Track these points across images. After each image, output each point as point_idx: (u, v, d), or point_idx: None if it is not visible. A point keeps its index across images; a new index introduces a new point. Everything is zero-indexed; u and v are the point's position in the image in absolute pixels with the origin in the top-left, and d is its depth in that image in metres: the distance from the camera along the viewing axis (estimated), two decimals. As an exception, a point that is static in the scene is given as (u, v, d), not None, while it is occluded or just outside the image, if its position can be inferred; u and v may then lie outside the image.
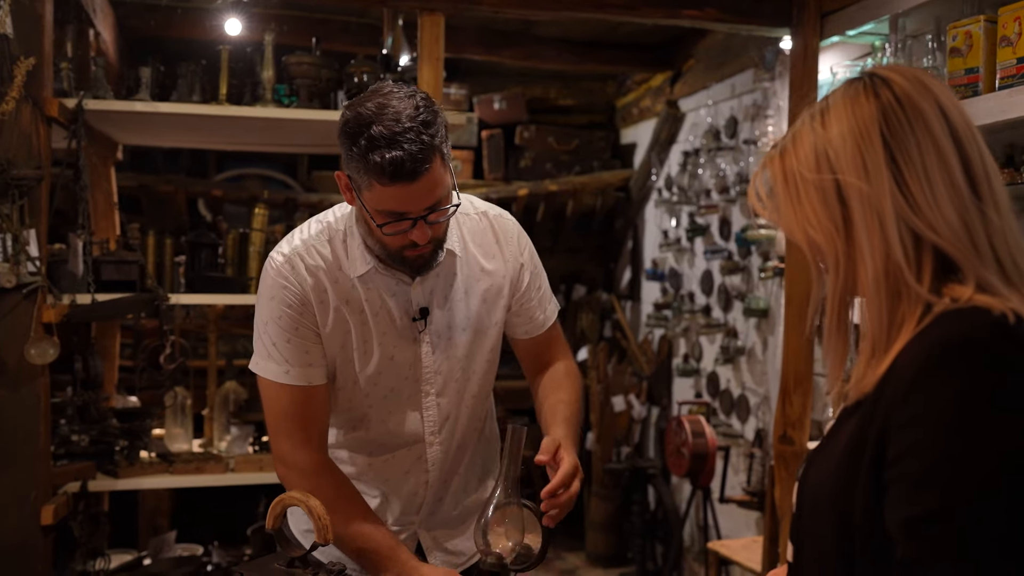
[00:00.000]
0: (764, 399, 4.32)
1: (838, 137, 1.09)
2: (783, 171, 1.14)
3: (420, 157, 1.52)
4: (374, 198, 1.57)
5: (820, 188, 1.10)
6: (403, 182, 1.53)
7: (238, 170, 5.41)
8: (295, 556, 1.67)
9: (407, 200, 1.57)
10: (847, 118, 1.09)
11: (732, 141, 4.55)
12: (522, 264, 1.87)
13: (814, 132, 1.12)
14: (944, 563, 0.94)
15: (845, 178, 1.08)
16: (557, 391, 1.92)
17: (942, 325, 1.01)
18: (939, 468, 0.96)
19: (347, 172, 1.62)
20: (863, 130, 1.07)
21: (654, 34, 4.96)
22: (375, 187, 1.55)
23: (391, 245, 1.66)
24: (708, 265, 4.83)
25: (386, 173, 1.51)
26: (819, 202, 1.11)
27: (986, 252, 1.04)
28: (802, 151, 1.12)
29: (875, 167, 1.06)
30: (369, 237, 1.69)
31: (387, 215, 1.59)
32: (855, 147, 1.08)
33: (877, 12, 2.86)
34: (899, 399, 1.00)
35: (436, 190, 1.59)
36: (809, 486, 1.14)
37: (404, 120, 1.52)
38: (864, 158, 1.07)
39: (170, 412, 3.24)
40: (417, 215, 1.59)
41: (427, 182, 1.56)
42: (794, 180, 1.12)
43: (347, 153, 1.58)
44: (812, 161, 1.11)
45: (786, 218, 1.15)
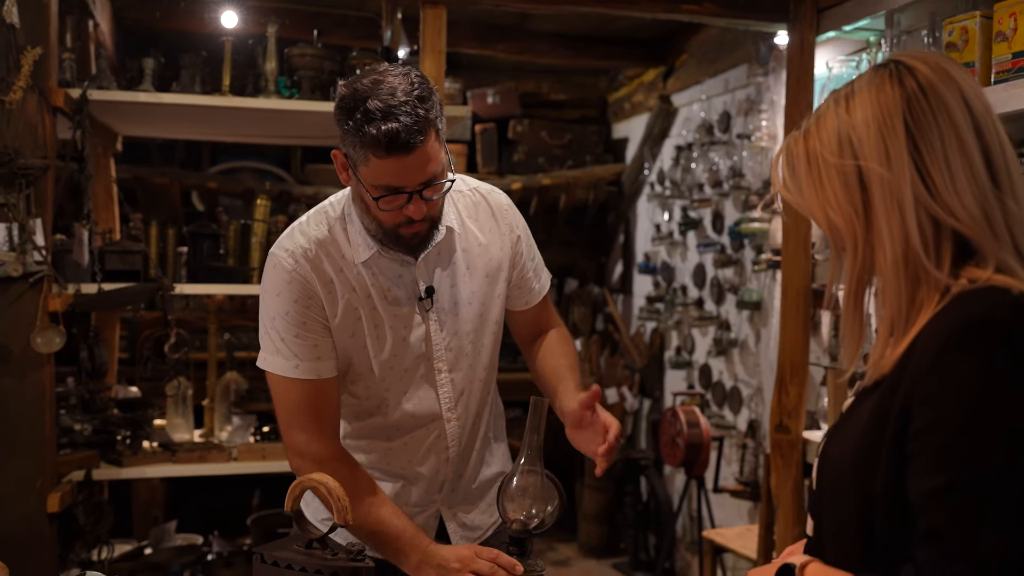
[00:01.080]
0: (757, 391, 4.37)
1: (862, 123, 1.12)
2: (806, 153, 1.17)
3: (415, 129, 1.54)
4: (370, 173, 1.58)
5: (842, 172, 1.14)
6: (398, 154, 1.54)
7: (232, 163, 5.41)
8: (313, 538, 1.69)
9: (402, 173, 1.58)
10: (871, 105, 1.12)
11: (725, 136, 4.59)
12: (518, 236, 1.90)
13: (838, 117, 1.15)
14: (967, 531, 0.98)
15: (867, 164, 1.11)
16: (557, 356, 1.95)
17: (963, 304, 1.05)
18: (961, 440, 1.00)
19: (343, 150, 1.64)
20: (887, 118, 1.11)
21: (648, 29, 5.00)
22: (371, 161, 1.56)
23: (386, 222, 1.66)
24: (701, 258, 4.88)
25: (382, 145, 1.53)
26: (840, 186, 1.14)
27: (1004, 237, 1.08)
28: (826, 134, 1.16)
29: (897, 154, 1.10)
30: (365, 216, 1.69)
31: (383, 189, 1.60)
32: (878, 134, 1.11)
33: (873, 8, 2.91)
34: (921, 375, 1.04)
35: (431, 164, 1.61)
36: (830, 461, 1.18)
37: (399, 95, 1.54)
38: (887, 145, 1.10)
39: (171, 402, 3.25)
40: (412, 189, 1.60)
41: (422, 155, 1.58)
42: (816, 162, 1.16)
43: (343, 129, 1.60)
44: (835, 145, 1.14)
45: (807, 199, 1.18)
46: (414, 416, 1.83)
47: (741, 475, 4.30)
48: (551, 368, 1.93)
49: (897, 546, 1.08)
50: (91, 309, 2.81)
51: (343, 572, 1.62)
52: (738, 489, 4.22)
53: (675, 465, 4.15)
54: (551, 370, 1.93)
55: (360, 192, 1.65)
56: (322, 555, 1.67)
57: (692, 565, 4.69)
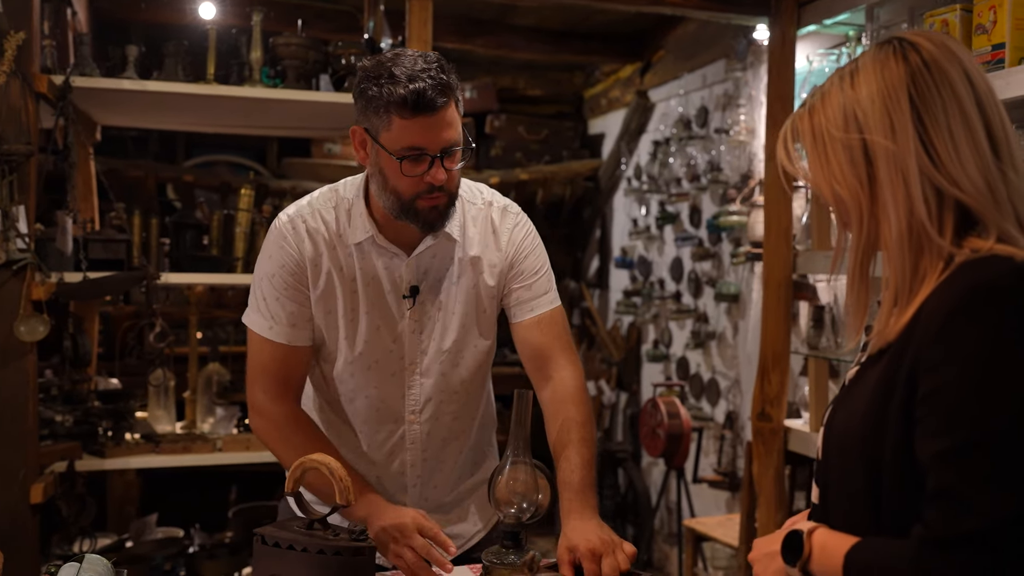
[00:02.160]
0: (735, 382, 4.42)
1: (867, 98, 1.15)
2: (811, 128, 1.20)
3: (440, 89, 1.60)
4: (393, 136, 1.61)
5: (847, 146, 1.16)
6: (423, 113, 1.59)
7: (207, 156, 5.37)
8: (314, 519, 1.69)
9: (426, 133, 1.61)
10: (876, 80, 1.15)
11: (703, 130, 4.64)
12: (514, 255, 1.87)
13: (843, 92, 1.18)
14: (975, 489, 1.01)
15: (872, 137, 1.14)
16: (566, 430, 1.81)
17: (968, 272, 1.08)
18: (970, 402, 1.03)
19: (362, 124, 1.67)
20: (891, 92, 1.14)
21: (625, 25, 5.04)
22: (395, 123, 1.60)
23: (406, 192, 1.66)
24: (678, 252, 4.92)
25: (408, 104, 1.57)
26: (846, 159, 1.17)
27: (1007, 207, 1.12)
28: (831, 110, 1.18)
29: (902, 127, 1.13)
30: (383, 192, 1.69)
31: (406, 151, 1.62)
32: (883, 108, 1.14)
33: (854, 2, 2.95)
34: (928, 342, 1.07)
35: (451, 130, 1.64)
36: (836, 429, 1.21)
37: (422, 63, 1.61)
38: (892, 118, 1.13)
39: (153, 393, 3.22)
40: (434, 153, 1.63)
41: (444, 117, 1.62)
42: (822, 138, 1.19)
43: (366, 97, 1.63)
44: (840, 120, 1.17)
45: (813, 173, 1.21)
46: (378, 411, 1.84)
47: (719, 466, 4.35)
48: (557, 441, 1.81)
49: (904, 509, 1.11)
50: (76, 298, 2.79)
51: (346, 552, 1.63)
52: (716, 479, 4.27)
53: (656, 456, 4.19)
54: (556, 443, 1.81)
55: (380, 163, 1.66)
56: (323, 535, 1.67)
57: (670, 557, 4.73)
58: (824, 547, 1.16)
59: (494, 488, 1.71)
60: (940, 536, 1.03)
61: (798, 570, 1.18)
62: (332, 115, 3.26)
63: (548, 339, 1.87)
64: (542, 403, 1.87)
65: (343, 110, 3.18)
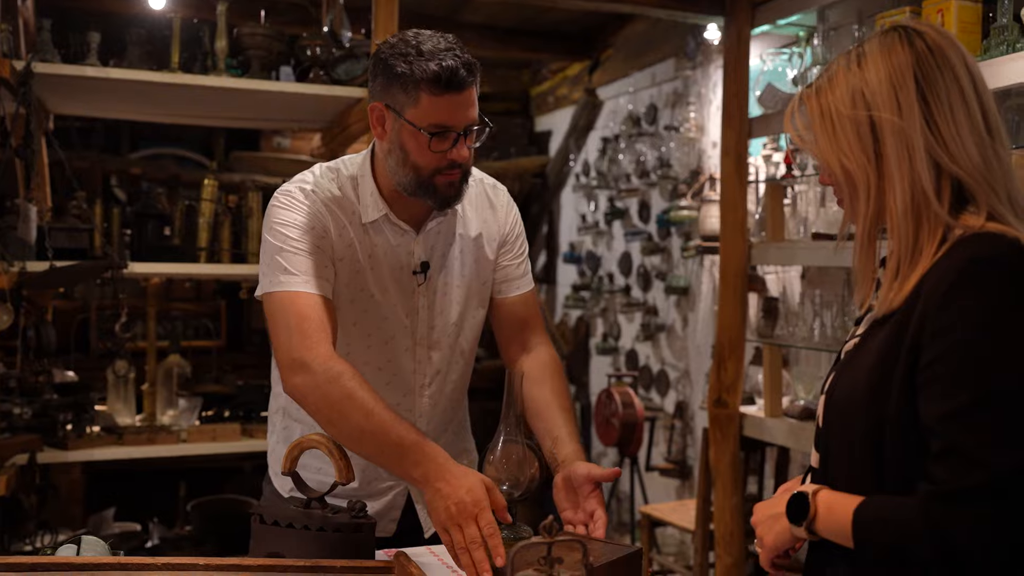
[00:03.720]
0: (684, 373, 4.53)
1: (875, 79, 1.23)
2: (819, 107, 1.28)
3: (467, 68, 1.64)
4: (420, 113, 1.63)
5: (855, 122, 1.24)
6: (453, 92, 1.62)
7: (153, 149, 5.29)
8: (312, 497, 1.71)
9: (453, 111, 1.64)
10: (884, 63, 1.23)
11: (652, 127, 4.74)
12: (510, 231, 1.95)
13: (850, 74, 1.26)
14: (981, 445, 1.09)
15: (880, 114, 1.22)
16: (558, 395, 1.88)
17: (966, 246, 1.17)
18: (974, 364, 1.11)
19: (384, 100, 1.68)
20: (898, 73, 1.22)
21: (574, 23, 5.12)
22: (423, 100, 1.62)
23: (427, 167, 1.67)
24: (627, 247, 5.02)
25: (441, 81, 1.60)
26: (854, 135, 1.25)
27: (999, 186, 1.21)
28: (839, 90, 1.26)
29: (908, 105, 1.21)
30: (402, 166, 1.70)
31: (434, 127, 1.64)
32: (890, 87, 1.22)
33: (806, 4, 3.08)
34: (932, 310, 1.15)
35: (474, 108, 1.69)
36: (838, 396, 1.28)
37: (443, 43, 1.65)
38: (898, 97, 1.22)
39: (113, 386, 3.18)
40: (459, 130, 1.66)
41: (470, 96, 1.67)
42: (830, 115, 1.26)
43: (390, 76, 1.64)
44: (848, 99, 1.25)
45: (822, 149, 1.29)
46: (389, 384, 1.86)
47: (669, 454, 4.46)
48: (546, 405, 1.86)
49: (906, 472, 1.18)
50: (41, 287, 2.74)
51: (346, 528, 1.65)
52: (667, 467, 4.38)
53: (610, 445, 4.27)
54: (546, 407, 1.86)
55: (403, 139, 1.67)
56: (322, 514, 1.69)
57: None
58: (830, 507, 1.23)
59: (487, 465, 1.76)
60: (947, 490, 1.10)
61: (804, 529, 1.25)
62: (295, 106, 3.26)
63: (530, 315, 1.96)
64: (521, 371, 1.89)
65: (307, 101, 3.19)
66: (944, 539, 1.10)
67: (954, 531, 1.09)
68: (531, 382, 1.88)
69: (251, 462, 5.01)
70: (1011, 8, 2.44)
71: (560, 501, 1.76)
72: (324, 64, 3.16)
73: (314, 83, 3.12)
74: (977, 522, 1.08)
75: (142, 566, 1.46)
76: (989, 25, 2.54)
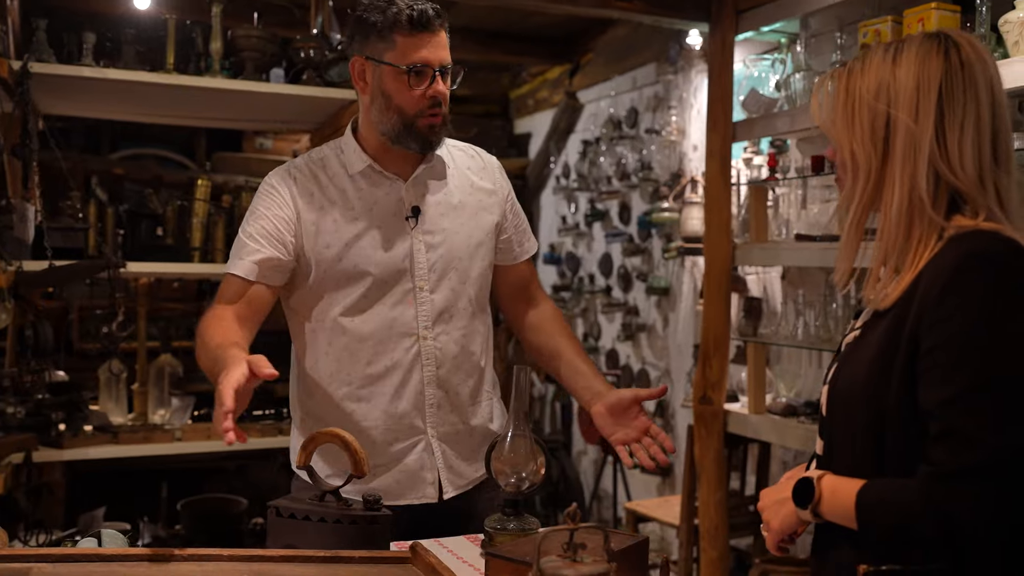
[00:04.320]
0: (665, 372, 4.62)
1: (903, 79, 1.30)
2: (846, 87, 1.35)
3: (436, 13, 1.82)
4: (398, 54, 1.80)
5: (873, 112, 1.32)
6: (425, 31, 1.80)
7: (134, 149, 5.28)
8: (327, 490, 1.76)
9: (428, 49, 1.81)
10: (916, 66, 1.30)
11: (633, 131, 4.82)
12: (508, 193, 2.09)
13: (883, 66, 1.33)
14: (978, 427, 1.17)
15: (897, 113, 1.30)
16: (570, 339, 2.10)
17: (961, 242, 1.25)
18: (972, 352, 1.19)
19: (363, 52, 1.85)
20: (926, 81, 1.29)
21: (556, 28, 5.19)
22: (398, 41, 1.79)
23: (410, 108, 1.83)
24: (608, 248, 5.10)
25: (413, 21, 1.78)
26: (868, 123, 1.32)
27: (993, 198, 1.29)
28: (869, 77, 1.33)
29: (926, 113, 1.28)
30: (385, 114, 1.86)
31: (411, 65, 1.80)
32: (915, 92, 1.29)
33: (790, 11, 3.17)
34: (931, 303, 1.22)
35: (447, 51, 1.85)
36: (841, 385, 1.35)
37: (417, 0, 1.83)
38: (919, 102, 1.29)
39: (104, 385, 3.19)
40: (436, 68, 1.82)
41: (442, 38, 1.84)
42: (854, 98, 1.34)
43: (366, 28, 1.82)
44: (874, 88, 1.32)
45: (838, 128, 1.36)
46: (391, 328, 1.93)
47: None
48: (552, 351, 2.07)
49: (906, 456, 1.26)
50: (39, 286, 2.76)
51: (362, 521, 1.69)
52: (648, 465, 4.45)
53: (593, 443, 4.35)
54: (553, 352, 2.07)
55: (384, 84, 1.84)
56: (337, 506, 1.73)
57: (602, 541, 4.89)
58: (834, 490, 1.30)
59: (495, 459, 1.81)
60: (947, 470, 1.18)
61: (809, 512, 1.33)
62: (287, 107, 3.30)
63: (532, 274, 2.17)
64: (527, 327, 2.12)
65: (300, 103, 3.23)
66: (946, 518, 1.17)
67: (955, 510, 1.17)
68: (542, 332, 2.10)
69: (233, 461, 5.03)
70: (988, 18, 2.54)
71: (606, 427, 1.94)
72: (317, 66, 3.20)
73: (307, 85, 3.16)
74: (978, 500, 1.16)
75: (168, 557, 1.50)
76: (968, 34, 2.64)
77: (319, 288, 1.93)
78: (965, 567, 1.21)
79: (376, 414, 1.95)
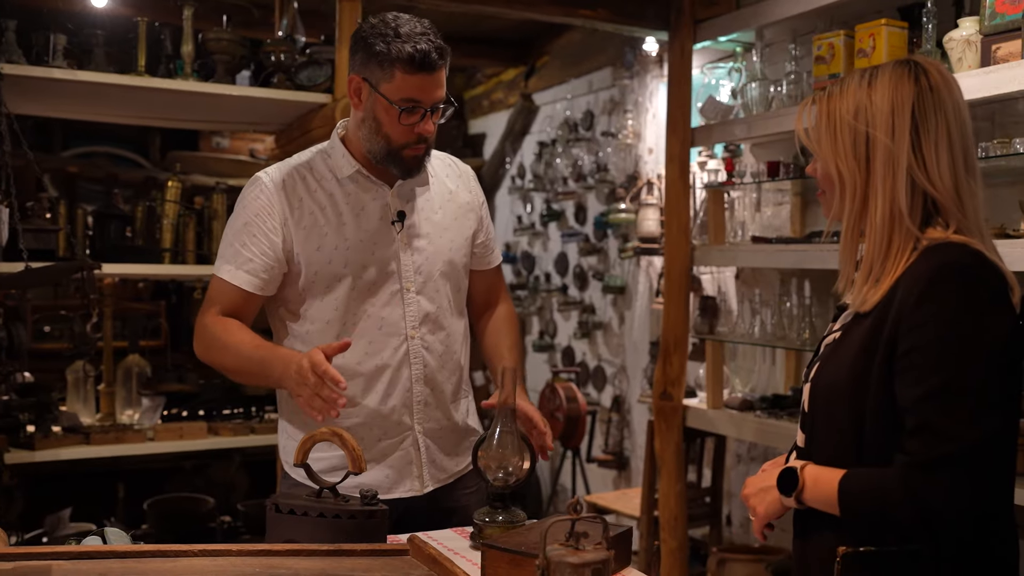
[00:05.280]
0: (621, 369, 4.74)
1: (879, 101, 1.43)
2: (828, 111, 1.47)
3: (439, 53, 1.86)
4: (394, 88, 1.84)
5: (854, 132, 1.44)
6: (424, 72, 1.84)
7: (86, 147, 5.23)
8: (324, 487, 1.82)
9: (424, 89, 1.85)
10: (890, 91, 1.43)
11: (589, 133, 4.94)
12: (482, 202, 2.19)
13: (860, 89, 1.45)
14: (951, 421, 1.29)
15: (875, 133, 1.42)
16: (502, 335, 2.21)
17: (935, 254, 1.37)
18: (945, 354, 1.31)
19: (362, 73, 1.89)
20: (899, 103, 1.41)
21: (512, 31, 5.27)
22: (397, 77, 1.83)
23: (396, 140, 1.89)
24: (563, 247, 5.21)
25: (415, 62, 1.82)
26: (851, 143, 1.44)
27: (968, 208, 1.42)
28: (848, 99, 1.45)
29: (901, 132, 1.41)
30: (374, 136, 1.91)
31: (405, 102, 1.85)
32: (890, 113, 1.41)
33: (747, 23, 3.30)
34: (908, 309, 1.34)
35: (442, 89, 1.90)
36: (823, 382, 1.47)
37: (419, 27, 1.86)
38: (895, 123, 1.41)
39: (72, 386, 3.20)
40: (427, 107, 1.87)
41: (440, 77, 1.88)
42: (835, 119, 1.46)
43: (369, 53, 1.86)
44: (853, 109, 1.44)
45: (824, 148, 1.48)
46: (380, 328, 2.01)
47: (607, 447, 4.67)
48: (494, 345, 2.20)
49: (883, 448, 1.38)
50: (16, 287, 2.75)
51: (360, 515, 1.77)
52: (606, 459, 4.58)
53: (554, 438, 4.44)
54: (494, 346, 2.20)
55: (376, 110, 1.89)
56: (335, 501, 1.80)
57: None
58: (816, 479, 1.42)
59: (485, 454, 1.90)
60: (922, 461, 1.30)
61: (793, 499, 1.44)
62: (257, 110, 3.33)
63: (498, 281, 2.27)
64: (483, 326, 2.24)
65: (270, 105, 3.26)
66: (922, 504, 1.30)
67: (931, 497, 1.29)
68: (491, 334, 2.22)
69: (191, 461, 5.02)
70: (934, 35, 2.70)
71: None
72: (287, 69, 3.23)
73: (278, 88, 3.19)
74: (951, 488, 1.28)
75: (180, 553, 1.55)
76: (915, 49, 2.80)
77: (309, 289, 1.99)
78: (938, 549, 1.33)
79: (366, 412, 2.02)
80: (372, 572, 1.58)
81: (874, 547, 1.36)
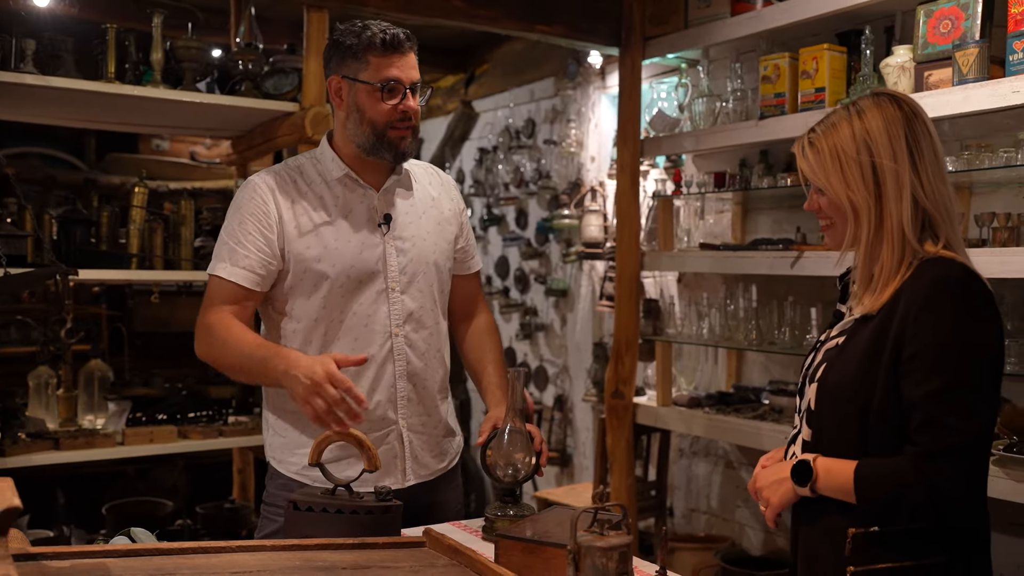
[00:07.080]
0: (563, 369, 4.91)
1: (876, 129, 1.59)
2: (829, 148, 1.62)
3: (407, 36, 2.04)
4: (371, 72, 2.00)
5: (860, 164, 1.60)
6: (396, 52, 2.01)
7: (19, 148, 5.12)
8: (338, 485, 1.92)
9: (400, 69, 2.02)
10: (881, 118, 1.60)
11: (530, 140, 5.09)
12: (463, 208, 2.33)
13: (853, 123, 1.61)
14: (956, 417, 1.49)
15: (881, 160, 1.58)
16: (487, 350, 2.32)
17: (932, 267, 1.55)
18: (947, 357, 1.50)
19: (340, 72, 2.05)
20: (894, 128, 1.59)
21: (453, 39, 5.37)
22: (372, 61, 2.00)
23: (381, 120, 2.03)
24: (504, 251, 5.35)
25: (386, 44, 1.99)
26: (859, 175, 1.60)
27: (954, 222, 1.61)
28: (844, 135, 1.61)
29: (901, 153, 1.58)
30: (359, 127, 2.05)
31: (384, 81, 2.00)
32: (888, 137, 1.59)
33: (693, 42, 3.51)
34: (911, 317, 1.52)
35: (416, 71, 2.06)
36: (831, 382, 1.63)
37: (385, 23, 2.05)
38: (893, 146, 1.58)
39: (34, 391, 3.18)
40: (407, 85, 2.03)
41: (412, 60, 2.05)
42: (839, 156, 1.61)
43: (342, 50, 2.03)
44: (853, 144, 1.60)
45: (833, 183, 1.62)
46: (366, 325, 2.12)
47: (550, 444, 4.83)
48: (478, 360, 2.32)
49: (887, 443, 1.55)
50: (-7, 294, 2.74)
51: (376, 511, 1.87)
52: (551, 456, 4.74)
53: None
54: (478, 361, 2.32)
55: (359, 100, 2.03)
56: (349, 498, 1.90)
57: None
58: (829, 469, 1.58)
59: (495, 451, 2.03)
60: (931, 451, 1.49)
61: (808, 489, 1.61)
62: (222, 116, 3.36)
63: (477, 290, 2.40)
64: (465, 334, 2.36)
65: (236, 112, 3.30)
66: (932, 487, 1.49)
67: (939, 481, 1.49)
68: (475, 346, 2.33)
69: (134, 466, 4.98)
70: (872, 60, 2.94)
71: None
72: (254, 77, 3.28)
73: (245, 96, 3.24)
74: (956, 474, 1.49)
75: (220, 549, 1.64)
76: (854, 73, 3.04)
77: (298, 287, 2.09)
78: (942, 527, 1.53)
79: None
80: (400, 562, 1.70)
81: (879, 527, 1.54)
